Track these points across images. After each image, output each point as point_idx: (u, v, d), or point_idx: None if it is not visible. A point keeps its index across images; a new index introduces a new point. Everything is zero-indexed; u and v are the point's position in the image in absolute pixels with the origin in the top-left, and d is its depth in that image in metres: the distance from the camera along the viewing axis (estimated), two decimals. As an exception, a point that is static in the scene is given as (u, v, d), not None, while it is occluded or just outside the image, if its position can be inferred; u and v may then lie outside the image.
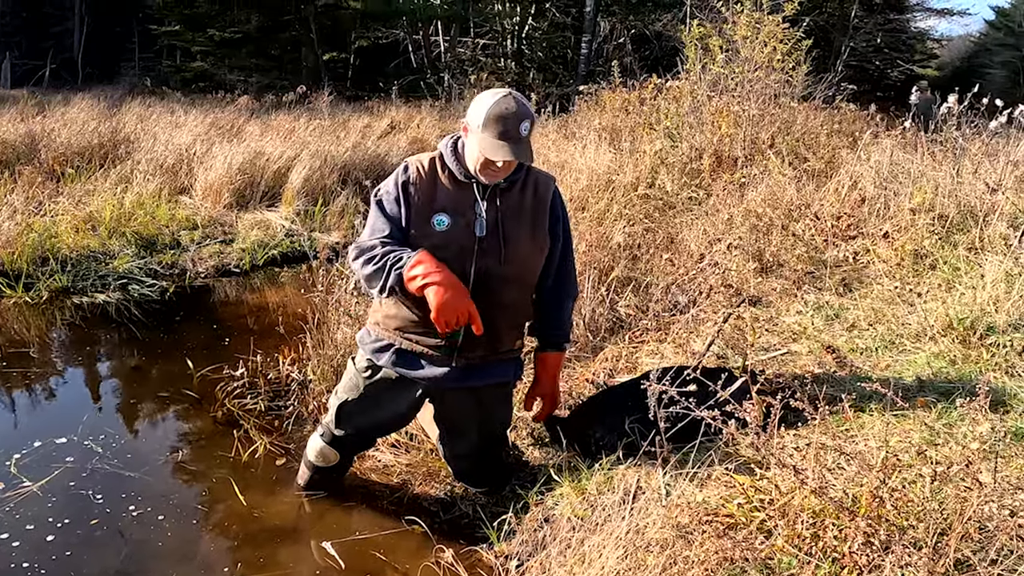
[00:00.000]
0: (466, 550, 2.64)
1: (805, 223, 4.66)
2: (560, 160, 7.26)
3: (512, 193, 2.53)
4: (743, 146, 6.26)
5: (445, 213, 2.47)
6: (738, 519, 2.08)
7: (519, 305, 2.64)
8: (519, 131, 2.33)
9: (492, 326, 2.53)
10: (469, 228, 2.46)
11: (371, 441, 3.04)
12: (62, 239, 5.84)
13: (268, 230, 6.97)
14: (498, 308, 2.53)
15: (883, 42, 24.77)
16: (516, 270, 2.54)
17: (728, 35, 6.99)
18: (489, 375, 2.66)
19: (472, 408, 2.73)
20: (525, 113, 2.35)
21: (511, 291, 2.56)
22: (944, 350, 3.08)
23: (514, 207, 2.53)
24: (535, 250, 2.59)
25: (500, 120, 2.32)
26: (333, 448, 2.88)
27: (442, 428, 2.91)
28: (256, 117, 11.92)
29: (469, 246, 2.46)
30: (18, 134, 8.11)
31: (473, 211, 2.47)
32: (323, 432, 2.88)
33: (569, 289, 2.75)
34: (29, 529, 2.71)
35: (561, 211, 2.66)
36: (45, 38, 25.46)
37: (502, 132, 2.31)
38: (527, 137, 2.37)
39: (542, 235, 2.59)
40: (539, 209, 2.58)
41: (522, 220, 2.54)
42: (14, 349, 4.36)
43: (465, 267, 2.46)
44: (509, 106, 2.33)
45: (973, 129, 5.31)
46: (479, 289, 2.47)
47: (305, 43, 19.94)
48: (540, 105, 13.03)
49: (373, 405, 2.73)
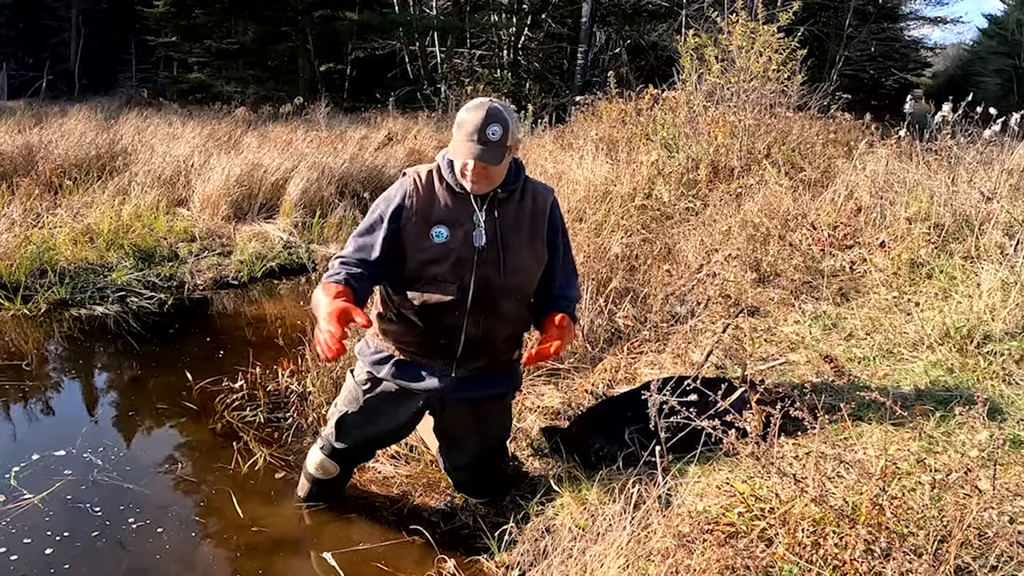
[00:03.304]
0: (467, 560, 2.64)
1: (802, 233, 4.68)
2: (557, 171, 7.28)
3: (510, 204, 2.54)
4: (739, 156, 6.28)
5: (443, 225, 2.48)
6: (739, 528, 2.09)
7: (517, 316, 2.64)
8: (486, 134, 2.33)
9: (490, 336, 2.54)
10: (468, 239, 2.47)
11: (371, 453, 3.04)
12: (60, 251, 5.83)
13: (266, 242, 6.98)
14: (497, 319, 2.54)
15: (877, 51, 24.91)
16: (515, 281, 2.54)
17: (724, 45, 7.03)
18: (488, 386, 2.67)
19: (471, 420, 2.74)
20: (496, 118, 2.35)
21: (510, 302, 2.56)
22: (941, 359, 3.09)
23: (512, 218, 2.53)
24: (533, 261, 2.59)
25: (469, 123, 2.35)
26: (333, 460, 2.87)
27: (442, 440, 2.92)
28: (253, 128, 11.93)
29: (468, 257, 2.47)
30: (15, 146, 8.09)
31: (471, 222, 2.48)
32: (323, 445, 2.88)
33: (575, 293, 2.74)
34: (27, 543, 2.70)
35: (560, 222, 2.66)
36: (42, 49, 25.45)
37: (469, 134, 2.34)
38: (497, 142, 2.35)
39: (540, 246, 2.59)
40: (537, 220, 2.58)
41: (520, 231, 2.54)
42: (12, 362, 4.35)
43: (464, 278, 2.47)
44: (480, 111, 2.35)
45: (968, 137, 5.34)
46: (478, 300, 2.48)
47: (302, 54, 19.96)
48: (537, 116, 13.05)
49: (373, 417, 2.73)
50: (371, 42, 21.53)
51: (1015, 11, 30.79)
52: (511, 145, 2.41)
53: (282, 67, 20.32)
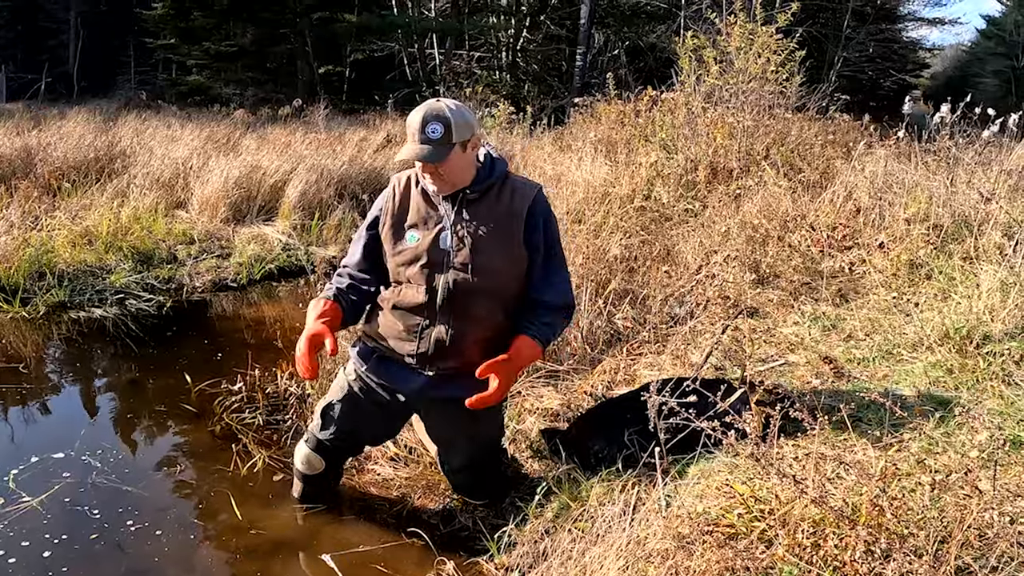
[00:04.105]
0: (467, 562, 2.64)
1: (801, 234, 4.68)
2: (556, 173, 7.29)
3: (482, 204, 2.51)
4: (738, 157, 6.28)
5: (415, 228, 2.54)
6: (739, 529, 2.09)
7: (491, 319, 2.55)
8: (426, 133, 2.35)
9: (461, 339, 2.53)
10: (436, 241, 2.51)
11: (357, 448, 3.02)
12: (59, 254, 5.83)
13: (265, 244, 6.98)
14: (468, 321, 2.52)
15: (875, 52, 24.96)
16: (486, 282, 2.49)
17: (722, 46, 7.03)
18: (468, 387, 2.53)
19: (458, 420, 2.71)
20: (436, 117, 2.35)
21: (481, 304, 2.52)
22: (941, 360, 3.09)
23: (483, 218, 2.50)
24: (507, 262, 2.52)
25: (412, 124, 2.40)
26: (318, 454, 2.88)
27: (435, 443, 2.94)
28: (252, 130, 11.93)
29: (437, 260, 2.50)
30: (14, 148, 8.10)
31: (440, 225, 2.51)
32: (307, 438, 2.90)
33: (554, 296, 2.60)
34: (25, 545, 2.69)
35: (540, 219, 2.55)
36: (40, 51, 25.48)
37: (413, 135, 2.40)
38: (439, 140, 2.34)
39: (516, 246, 2.52)
40: (512, 220, 2.51)
41: (493, 231, 2.49)
42: (11, 364, 4.35)
43: (434, 281, 2.50)
44: (420, 111, 2.40)
45: (966, 138, 5.34)
46: (449, 302, 2.50)
47: (300, 56, 19.97)
48: (535, 117, 13.06)
49: (357, 409, 2.75)
50: (370, 44, 21.57)
51: (1013, 12, 30.85)
52: (460, 142, 2.38)
53: (281, 69, 20.33)
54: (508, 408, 3.39)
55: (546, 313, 2.58)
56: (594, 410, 3.15)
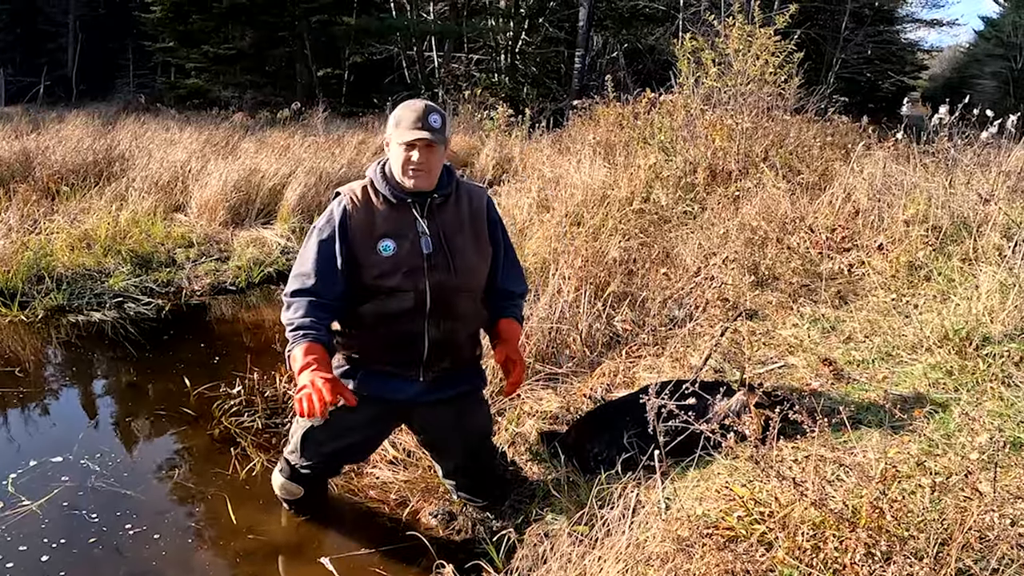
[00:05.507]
0: (466, 565, 2.62)
1: (800, 236, 4.68)
2: (555, 175, 7.27)
3: (447, 207, 2.62)
4: (737, 159, 6.28)
5: (389, 238, 2.53)
6: (738, 532, 2.08)
7: (474, 313, 2.71)
8: (429, 121, 2.46)
9: (453, 336, 2.62)
10: (415, 247, 2.53)
11: (336, 469, 3.00)
12: (57, 257, 5.82)
13: (264, 247, 6.97)
14: (456, 319, 2.62)
15: (874, 54, 24.99)
16: (466, 280, 2.61)
17: (720, 48, 7.04)
18: (457, 384, 2.71)
19: (449, 420, 2.75)
20: (435, 110, 2.50)
21: (464, 301, 2.64)
22: (940, 361, 3.09)
23: (453, 220, 2.61)
24: (480, 259, 2.67)
25: (410, 115, 2.48)
26: (295, 483, 2.87)
27: (428, 449, 2.96)
28: (251, 134, 11.91)
29: (419, 265, 2.52)
30: (12, 151, 8.09)
31: (415, 230, 2.54)
32: (282, 467, 2.89)
33: (518, 285, 2.83)
34: (23, 549, 2.68)
35: (497, 216, 2.77)
36: (39, 55, 25.46)
37: (412, 123, 2.47)
38: (440, 129, 2.49)
39: (484, 243, 2.69)
40: (477, 219, 2.67)
41: (463, 231, 2.62)
42: (9, 368, 4.34)
43: (419, 285, 2.52)
44: (418, 103, 2.52)
45: (965, 140, 5.35)
46: (436, 303, 2.54)
47: (299, 59, 19.98)
48: (534, 120, 13.06)
49: (339, 430, 2.68)
50: (368, 47, 21.57)
51: (1011, 13, 30.90)
52: (447, 140, 2.55)
53: (280, 72, 20.35)
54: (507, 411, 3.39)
55: (516, 298, 2.83)
56: (593, 413, 3.14)
